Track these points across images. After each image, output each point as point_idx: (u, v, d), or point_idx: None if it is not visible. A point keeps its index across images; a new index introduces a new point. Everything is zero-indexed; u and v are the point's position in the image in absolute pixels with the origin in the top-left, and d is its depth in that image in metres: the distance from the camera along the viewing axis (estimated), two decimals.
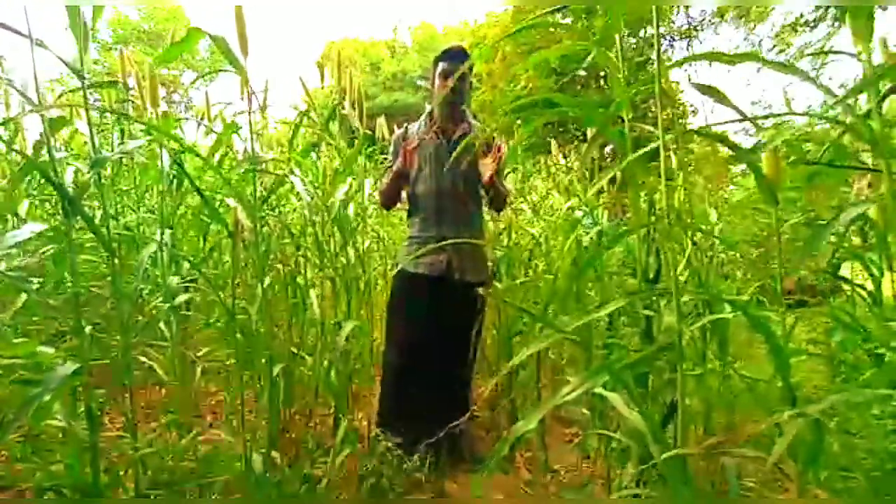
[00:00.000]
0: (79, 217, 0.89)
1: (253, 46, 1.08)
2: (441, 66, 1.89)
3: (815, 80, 0.72)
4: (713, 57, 0.79)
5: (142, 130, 1.31)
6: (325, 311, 1.74)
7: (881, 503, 0.76)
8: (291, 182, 1.29)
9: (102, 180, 1.12)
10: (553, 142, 2.62)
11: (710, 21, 11.15)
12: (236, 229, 1.20)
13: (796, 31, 9.70)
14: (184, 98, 20.43)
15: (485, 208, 2.08)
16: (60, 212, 0.90)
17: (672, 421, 1.07)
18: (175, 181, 1.42)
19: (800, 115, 1.08)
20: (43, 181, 1.74)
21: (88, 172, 0.88)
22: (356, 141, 1.69)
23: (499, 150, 1.81)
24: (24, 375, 0.94)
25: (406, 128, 2.06)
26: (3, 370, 0.94)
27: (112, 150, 1.34)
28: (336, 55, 1.69)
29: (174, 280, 1.35)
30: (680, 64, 0.88)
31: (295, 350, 1.76)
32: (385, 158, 2.74)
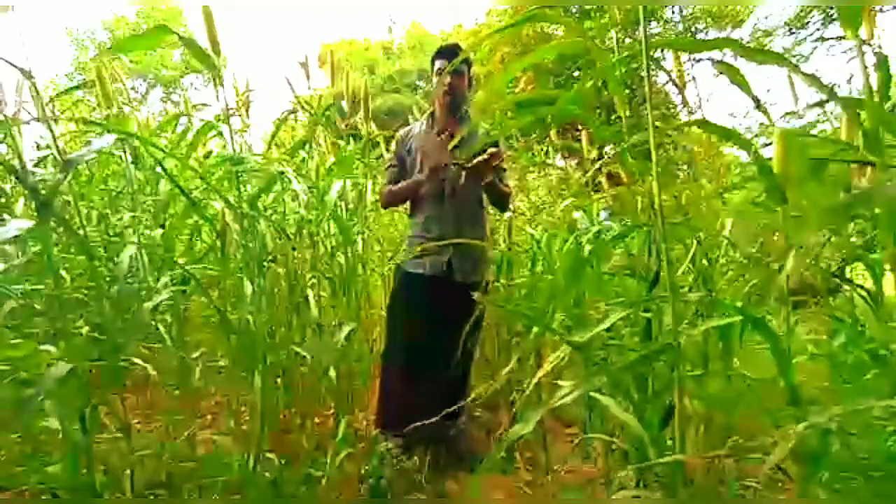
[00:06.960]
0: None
1: (253, 47, 1.09)
2: (438, 63, 1.89)
3: (803, 72, 0.71)
4: (710, 46, 0.78)
5: (103, 126, 1.29)
6: (326, 312, 1.74)
7: (881, 503, 0.76)
8: (285, 181, 1.28)
9: (73, 181, 1.11)
10: (522, 138, 2.60)
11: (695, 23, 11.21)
12: (223, 229, 1.20)
13: (792, 32, 9.74)
14: (182, 99, 20.37)
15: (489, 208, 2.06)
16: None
17: (671, 423, 1.06)
18: (136, 176, 1.41)
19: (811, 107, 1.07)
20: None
21: (61, 173, 0.86)
22: (352, 139, 1.67)
23: (498, 155, 1.78)
24: (22, 376, 0.94)
25: (408, 130, 2.06)
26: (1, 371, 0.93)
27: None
28: (329, 57, 1.68)
29: (163, 281, 1.34)
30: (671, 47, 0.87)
31: (296, 350, 1.75)
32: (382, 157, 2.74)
